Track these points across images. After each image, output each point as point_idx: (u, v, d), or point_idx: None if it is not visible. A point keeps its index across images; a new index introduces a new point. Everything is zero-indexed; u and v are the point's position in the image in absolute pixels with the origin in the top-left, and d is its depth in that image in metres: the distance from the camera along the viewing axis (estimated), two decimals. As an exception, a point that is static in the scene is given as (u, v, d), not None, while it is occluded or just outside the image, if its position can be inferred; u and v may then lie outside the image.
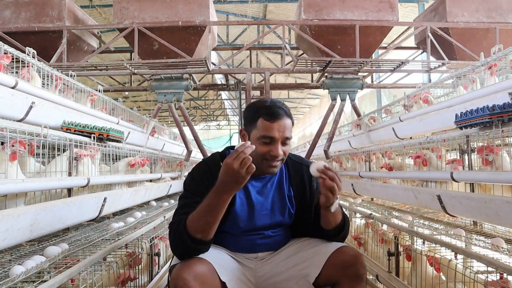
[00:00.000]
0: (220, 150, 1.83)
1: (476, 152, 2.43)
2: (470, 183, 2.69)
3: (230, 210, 1.63)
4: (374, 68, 5.51)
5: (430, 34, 5.22)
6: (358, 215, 4.18)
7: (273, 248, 1.74)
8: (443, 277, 2.36)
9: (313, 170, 1.51)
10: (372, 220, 3.41)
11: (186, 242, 1.46)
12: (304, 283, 1.57)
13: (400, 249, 2.76)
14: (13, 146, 2.06)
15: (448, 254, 2.30)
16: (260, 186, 1.72)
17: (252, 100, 5.64)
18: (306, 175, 1.74)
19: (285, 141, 1.61)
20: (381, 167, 3.69)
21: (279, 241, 1.76)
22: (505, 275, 1.82)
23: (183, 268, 1.42)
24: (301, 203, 1.74)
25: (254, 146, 1.41)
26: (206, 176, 1.63)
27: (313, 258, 1.60)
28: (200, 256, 1.50)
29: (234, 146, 1.62)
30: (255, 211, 1.69)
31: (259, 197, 1.70)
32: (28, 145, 2.15)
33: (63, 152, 2.67)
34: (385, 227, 3.29)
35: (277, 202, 1.72)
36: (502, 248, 2.12)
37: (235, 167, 1.36)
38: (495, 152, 2.26)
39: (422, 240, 2.56)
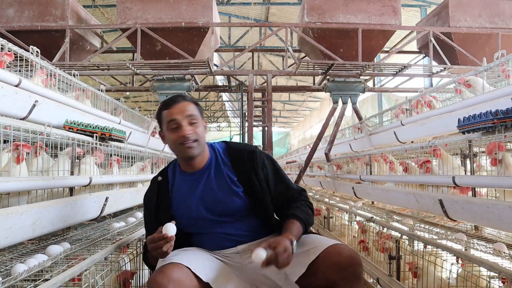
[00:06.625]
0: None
1: (486, 153, 2.39)
2: (472, 188, 2.69)
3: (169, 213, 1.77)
4: (376, 71, 5.52)
5: (432, 39, 5.22)
6: (358, 218, 4.18)
7: (243, 239, 1.72)
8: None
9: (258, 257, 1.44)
10: (373, 224, 3.40)
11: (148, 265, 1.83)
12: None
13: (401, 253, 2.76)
14: (17, 149, 2.03)
15: (450, 258, 2.30)
16: (195, 179, 1.76)
17: (254, 102, 5.67)
18: (247, 160, 1.76)
19: (190, 120, 1.67)
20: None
21: (244, 229, 1.74)
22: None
23: (158, 273, 1.47)
24: (251, 187, 1.72)
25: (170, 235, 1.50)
26: (152, 192, 1.87)
27: (300, 257, 1.55)
28: (177, 261, 1.51)
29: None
30: (192, 205, 1.73)
31: (193, 191, 1.75)
32: (32, 144, 2.14)
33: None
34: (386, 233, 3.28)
35: (222, 188, 1.73)
36: (504, 253, 2.12)
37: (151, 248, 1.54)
38: (503, 149, 2.23)
39: (424, 244, 2.55)
